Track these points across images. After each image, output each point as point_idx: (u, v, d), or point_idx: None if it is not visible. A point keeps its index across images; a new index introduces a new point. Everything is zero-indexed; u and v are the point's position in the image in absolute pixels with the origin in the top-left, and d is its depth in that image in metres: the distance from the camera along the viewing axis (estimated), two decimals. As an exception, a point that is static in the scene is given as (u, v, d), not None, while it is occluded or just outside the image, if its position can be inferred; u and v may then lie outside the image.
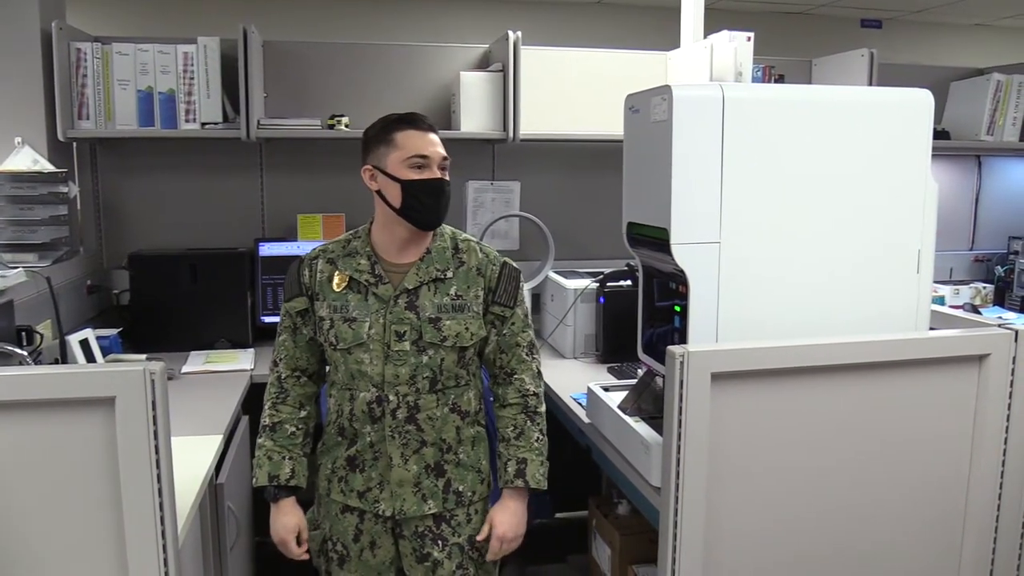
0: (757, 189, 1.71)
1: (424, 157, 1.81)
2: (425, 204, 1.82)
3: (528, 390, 1.92)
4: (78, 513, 1.38)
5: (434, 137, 1.85)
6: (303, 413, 1.94)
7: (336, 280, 1.87)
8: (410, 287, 1.84)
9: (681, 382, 1.53)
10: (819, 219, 1.76)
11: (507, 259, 1.94)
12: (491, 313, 1.90)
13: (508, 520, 1.89)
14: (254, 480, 1.90)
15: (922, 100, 1.81)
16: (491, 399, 2.17)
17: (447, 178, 1.86)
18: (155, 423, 1.35)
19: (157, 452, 1.36)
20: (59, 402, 1.35)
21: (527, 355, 1.94)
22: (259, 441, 1.92)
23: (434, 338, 1.82)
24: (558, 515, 3.16)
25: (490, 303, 1.89)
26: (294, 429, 1.92)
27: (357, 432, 1.87)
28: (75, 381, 1.36)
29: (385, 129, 1.85)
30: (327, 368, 1.95)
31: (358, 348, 1.83)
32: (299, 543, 1.90)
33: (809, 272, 1.76)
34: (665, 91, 1.66)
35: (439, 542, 1.88)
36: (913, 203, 1.82)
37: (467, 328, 1.85)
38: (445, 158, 1.86)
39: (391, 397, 1.82)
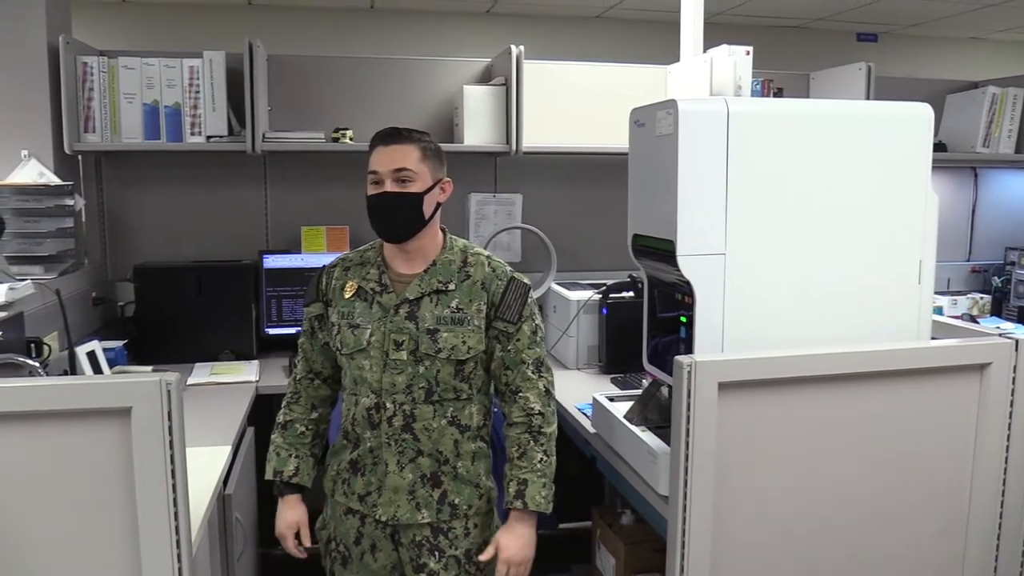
0: (761, 201, 1.73)
1: (375, 173, 1.83)
2: (378, 218, 1.84)
3: (532, 409, 1.88)
4: (93, 523, 1.39)
5: (398, 149, 1.81)
6: (315, 415, 1.99)
7: (347, 288, 1.90)
8: (411, 297, 1.85)
9: (689, 391, 1.55)
10: (822, 230, 1.78)
11: (516, 274, 1.92)
12: (494, 328, 1.88)
13: (513, 544, 1.85)
14: (266, 474, 1.97)
15: (922, 114, 1.84)
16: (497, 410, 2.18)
17: (405, 190, 1.81)
18: (171, 434, 1.37)
19: (172, 462, 1.37)
20: (75, 413, 1.36)
21: (533, 373, 1.90)
22: (272, 437, 1.99)
23: (430, 349, 1.83)
24: (561, 525, 3.16)
25: (493, 318, 1.87)
26: (303, 429, 1.97)
27: (359, 437, 1.90)
28: (91, 392, 1.38)
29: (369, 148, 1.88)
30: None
31: (359, 354, 1.86)
32: (300, 540, 1.96)
33: (813, 282, 1.78)
34: (670, 105, 1.68)
35: (436, 553, 1.89)
36: (914, 214, 1.85)
37: (464, 341, 1.85)
38: (399, 170, 1.80)
39: (388, 404, 1.85)
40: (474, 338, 1.86)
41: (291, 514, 1.96)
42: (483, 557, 1.89)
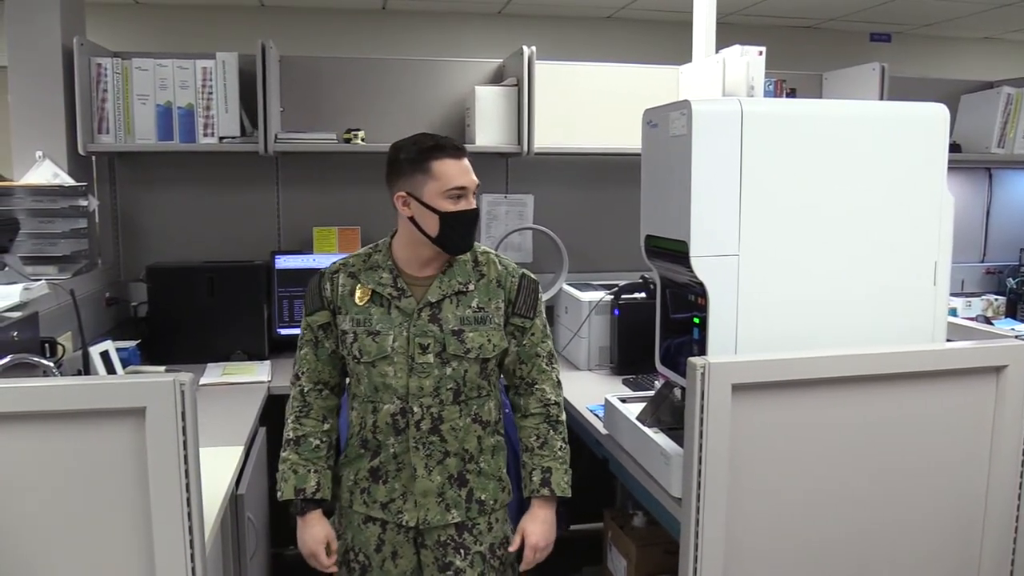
0: (775, 202, 1.72)
1: (462, 188, 1.83)
2: (461, 233, 1.85)
3: (549, 399, 1.95)
4: (106, 523, 1.39)
5: (467, 164, 1.86)
6: (326, 426, 1.95)
7: (358, 294, 1.88)
8: (433, 300, 1.86)
9: (702, 393, 1.54)
10: (836, 232, 1.77)
11: (525, 271, 1.97)
12: (511, 324, 1.92)
13: (539, 529, 1.91)
14: (279, 494, 1.91)
15: (938, 114, 1.83)
16: (508, 409, 2.19)
17: (476, 204, 1.88)
18: (184, 434, 1.37)
19: (186, 462, 1.37)
20: (89, 413, 1.36)
21: (547, 365, 1.96)
22: (283, 455, 1.93)
23: (458, 350, 1.84)
24: (573, 527, 3.16)
25: (510, 314, 1.91)
26: (318, 442, 1.92)
27: (380, 444, 1.88)
28: (106, 392, 1.38)
29: (421, 157, 1.81)
30: (348, 381, 1.97)
31: (382, 361, 1.85)
32: (328, 554, 1.91)
33: (827, 284, 1.77)
34: (684, 106, 1.68)
35: (461, 551, 1.89)
36: (929, 216, 1.84)
37: (489, 340, 1.87)
38: (477, 185, 1.88)
39: (415, 409, 1.84)
40: (497, 335, 1.88)
41: (319, 530, 1.90)
42: (512, 548, 1.92)
